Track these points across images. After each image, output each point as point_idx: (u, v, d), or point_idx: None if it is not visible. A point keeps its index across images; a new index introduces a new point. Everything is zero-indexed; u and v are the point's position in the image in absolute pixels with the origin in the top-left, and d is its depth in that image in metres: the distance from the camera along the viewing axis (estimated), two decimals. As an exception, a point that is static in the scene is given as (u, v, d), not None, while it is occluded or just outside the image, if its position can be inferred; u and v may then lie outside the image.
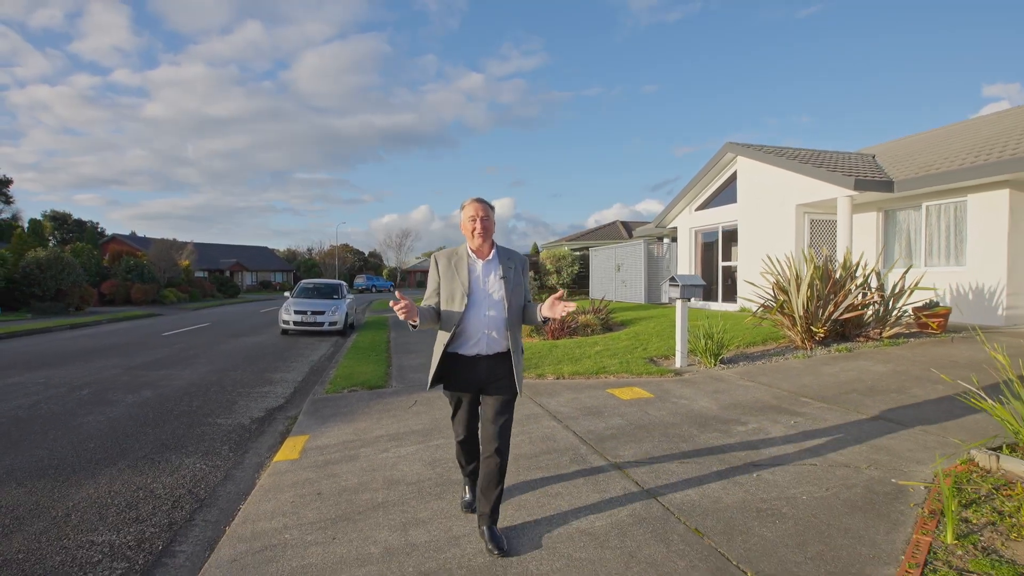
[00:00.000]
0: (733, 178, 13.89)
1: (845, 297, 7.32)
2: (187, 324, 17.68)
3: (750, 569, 2.49)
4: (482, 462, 2.89)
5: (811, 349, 7.43)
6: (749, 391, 5.76)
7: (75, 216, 52.88)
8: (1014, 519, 2.67)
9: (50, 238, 45.29)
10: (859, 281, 7.67)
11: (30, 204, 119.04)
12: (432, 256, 3.00)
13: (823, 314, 7.38)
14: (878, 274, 8.15)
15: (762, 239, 12.48)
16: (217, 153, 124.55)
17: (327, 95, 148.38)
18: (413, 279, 74.92)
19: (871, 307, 7.93)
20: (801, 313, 7.37)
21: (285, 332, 14.20)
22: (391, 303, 2.60)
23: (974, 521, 2.77)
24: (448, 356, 2.90)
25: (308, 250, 74.42)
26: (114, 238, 46.84)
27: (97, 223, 54.15)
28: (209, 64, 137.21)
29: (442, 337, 2.91)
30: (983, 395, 3.59)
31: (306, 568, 2.72)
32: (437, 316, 2.91)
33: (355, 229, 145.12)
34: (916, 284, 7.88)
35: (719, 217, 14.43)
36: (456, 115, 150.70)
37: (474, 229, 2.86)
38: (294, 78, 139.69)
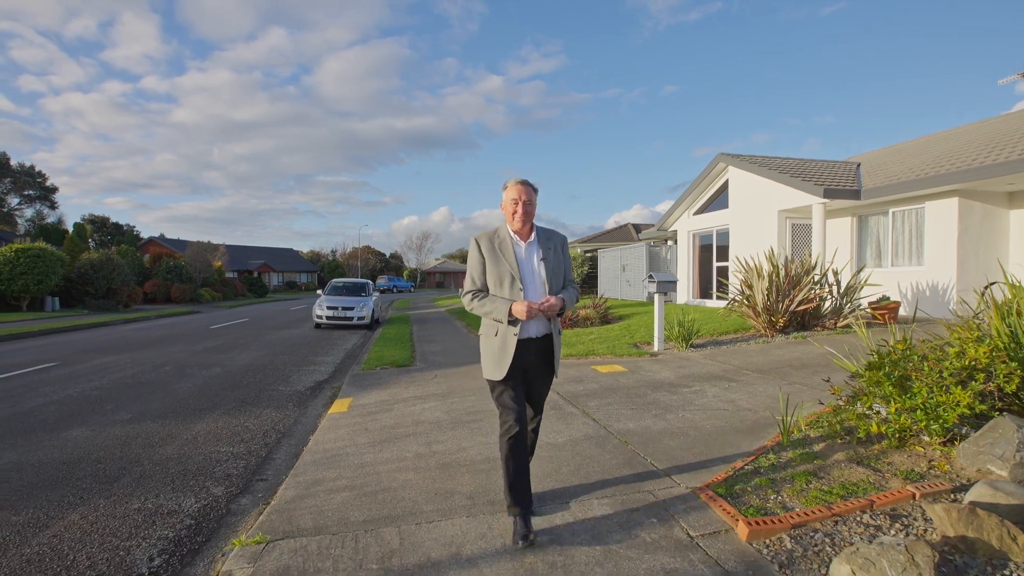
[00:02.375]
0: (725, 186, 15.11)
1: (800, 292, 8.57)
2: (228, 320, 19.42)
3: (650, 458, 3.86)
4: None
5: (772, 336, 8.69)
6: (705, 366, 7.08)
7: (112, 220, 55.87)
8: (833, 431, 3.97)
9: (90, 240, 48.04)
10: (815, 278, 8.90)
11: (65, 208, 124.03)
12: (473, 239, 2.92)
13: (781, 306, 8.64)
14: (835, 272, 9.36)
15: (750, 241, 13.67)
16: (242, 157, 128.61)
17: (349, 99, 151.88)
18: (433, 280, 76.77)
19: (827, 301, 9.15)
20: (762, 305, 8.64)
21: (318, 326, 15.77)
22: (537, 304, 2.70)
23: (812, 435, 4.09)
24: (501, 342, 2.80)
25: (332, 252, 76.77)
26: (151, 240, 49.34)
27: (133, 226, 57.07)
28: (235, 70, 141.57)
29: (491, 322, 2.85)
30: (851, 363, 4.88)
31: (363, 463, 4.14)
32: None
33: (376, 231, 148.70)
34: (866, 281, 9.09)
35: (714, 221, 15.64)
36: (476, 118, 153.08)
37: (515, 212, 2.82)
38: (317, 83, 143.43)
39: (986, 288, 4.60)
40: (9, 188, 49.90)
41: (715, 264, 15.64)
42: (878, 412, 3.63)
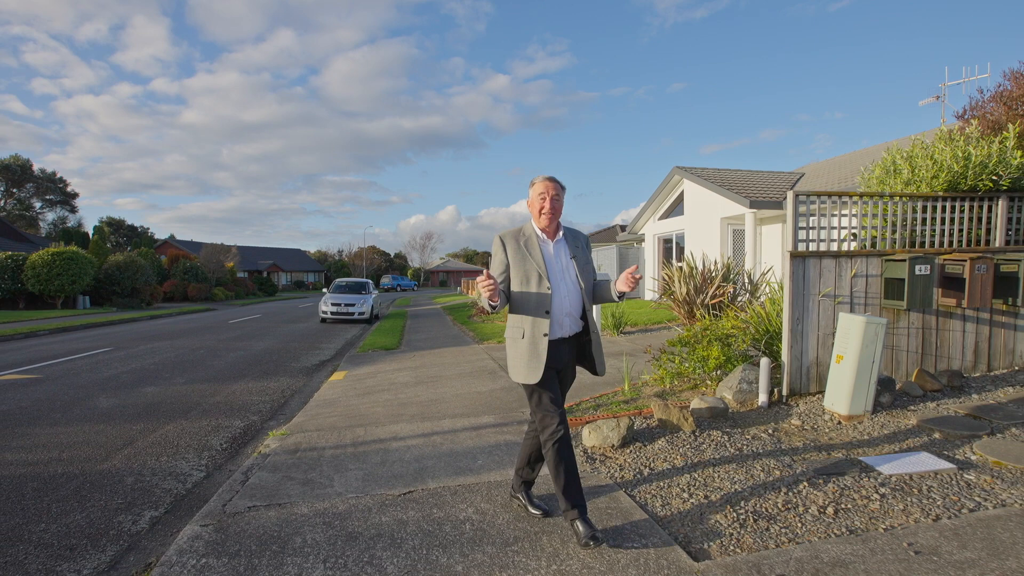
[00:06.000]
0: (682, 195, 17.04)
1: (711, 287, 10.53)
2: (243, 316, 21.57)
3: (536, 397, 5.87)
4: (534, 437, 2.98)
5: (691, 325, 10.65)
6: (621, 346, 9.08)
7: (127, 222, 58.51)
8: (655, 379, 5.94)
9: (107, 243, 50.56)
10: (726, 276, 10.85)
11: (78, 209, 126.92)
12: (497, 237, 2.88)
13: (698, 300, 10.60)
14: (748, 272, 11.30)
15: (700, 244, 15.61)
16: (251, 157, 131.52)
17: (356, 99, 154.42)
18: (436, 279, 78.91)
19: (741, 295, 11.10)
20: (682, 299, 10.62)
21: (324, 320, 17.83)
22: (477, 279, 2.57)
23: (650, 383, 6.06)
24: (530, 344, 2.75)
25: (339, 252, 79.11)
26: (166, 242, 51.70)
27: (147, 228, 59.71)
28: (243, 71, 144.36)
29: (520, 322, 2.80)
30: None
31: (350, 405, 6.17)
32: (506, 299, 2.81)
33: (383, 230, 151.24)
34: (769, 280, 11.02)
35: (673, 226, 17.59)
36: (483, 117, 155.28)
37: (542, 208, 2.81)
38: (325, 83, 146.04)
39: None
40: (32, 193, 52.57)
41: (675, 264, 17.56)
42: (671, 362, 5.63)
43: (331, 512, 3.19)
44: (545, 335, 2.73)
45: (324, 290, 19.97)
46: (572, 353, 2.90)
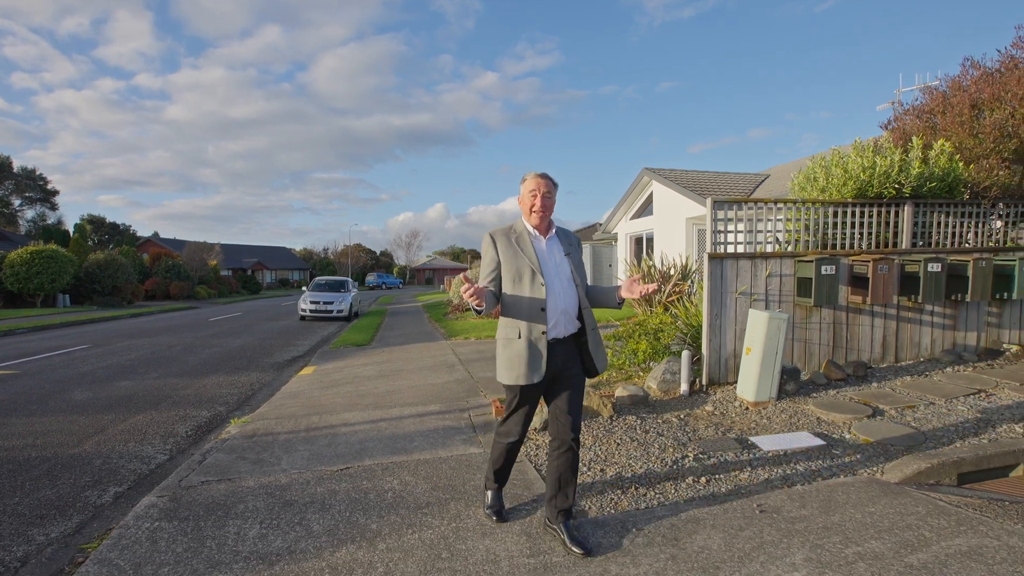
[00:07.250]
0: (651, 196, 17.59)
1: (669, 285, 11.07)
2: (224, 314, 21.82)
3: (484, 391, 6.33)
4: (558, 456, 2.74)
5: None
6: (579, 342, 9.58)
7: (108, 219, 58.12)
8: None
9: (88, 241, 50.17)
10: (687, 275, 11.40)
11: (59, 206, 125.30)
12: (487, 235, 2.81)
13: (656, 298, 11.14)
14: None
15: (668, 244, 16.16)
16: (237, 154, 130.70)
17: (345, 96, 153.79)
18: (422, 277, 79.12)
19: (698, 292, 11.64)
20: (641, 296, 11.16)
21: (303, 318, 18.16)
22: (461, 288, 2.48)
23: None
24: (528, 345, 2.65)
25: (324, 250, 79.06)
26: (148, 240, 51.49)
27: (129, 225, 59.31)
28: (229, 67, 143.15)
29: (514, 322, 2.72)
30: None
31: (312, 397, 6.60)
32: (496, 300, 2.73)
33: (372, 228, 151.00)
34: (724, 277, 11.59)
35: (644, 225, 18.14)
36: (472, 114, 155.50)
37: (533, 205, 2.74)
38: (312, 80, 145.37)
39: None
40: (11, 190, 52.04)
41: (638, 263, 18.11)
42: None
43: (274, 485, 3.63)
44: (544, 333, 2.66)
45: (303, 288, 20.27)
46: (569, 355, 2.75)
